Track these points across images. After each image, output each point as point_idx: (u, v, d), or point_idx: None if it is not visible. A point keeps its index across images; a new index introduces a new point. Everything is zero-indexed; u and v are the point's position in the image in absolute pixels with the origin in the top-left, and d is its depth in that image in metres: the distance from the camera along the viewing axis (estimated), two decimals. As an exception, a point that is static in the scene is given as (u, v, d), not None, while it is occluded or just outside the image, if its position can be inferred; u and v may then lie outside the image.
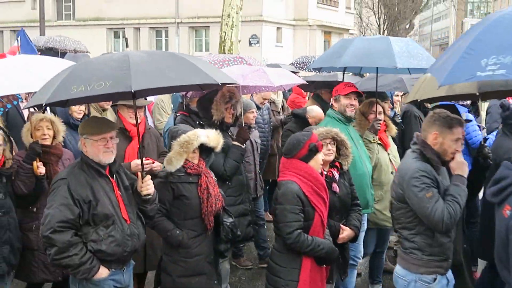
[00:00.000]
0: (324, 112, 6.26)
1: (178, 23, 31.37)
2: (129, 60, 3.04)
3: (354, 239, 3.99)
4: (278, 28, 30.42)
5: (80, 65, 3.29)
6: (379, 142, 4.93)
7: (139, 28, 32.61)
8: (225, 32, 15.40)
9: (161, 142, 4.98)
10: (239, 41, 15.90)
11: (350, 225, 3.94)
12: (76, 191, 3.22)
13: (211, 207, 3.78)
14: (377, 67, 5.33)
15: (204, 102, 4.67)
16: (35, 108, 4.47)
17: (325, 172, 3.92)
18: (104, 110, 5.89)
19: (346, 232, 3.88)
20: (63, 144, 4.53)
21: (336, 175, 3.92)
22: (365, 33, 38.61)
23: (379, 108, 5.00)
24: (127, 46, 14.23)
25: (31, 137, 4.23)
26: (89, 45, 16.42)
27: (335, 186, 3.88)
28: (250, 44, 28.65)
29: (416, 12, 40.15)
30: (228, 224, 3.88)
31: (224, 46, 15.36)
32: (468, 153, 5.68)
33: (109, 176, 3.41)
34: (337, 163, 3.98)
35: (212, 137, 3.81)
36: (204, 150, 3.87)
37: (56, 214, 3.15)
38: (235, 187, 4.51)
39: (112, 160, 3.39)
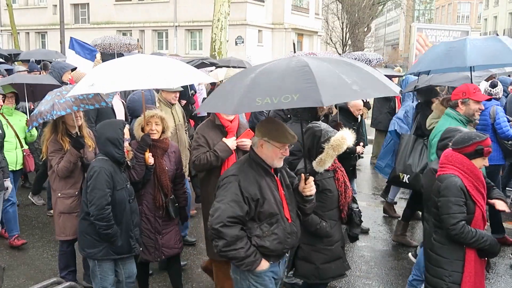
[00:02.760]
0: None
1: (176, 26, 33.47)
2: (311, 71, 2.80)
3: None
4: (259, 30, 32.58)
5: (259, 74, 2.99)
6: None
7: (143, 30, 34.80)
8: (216, 34, 16.54)
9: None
10: (227, 41, 16.93)
11: (496, 197, 3.83)
12: (246, 188, 3.18)
13: (349, 198, 3.94)
14: (470, 67, 5.24)
15: None
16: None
17: None
18: (172, 104, 5.75)
19: (500, 203, 3.77)
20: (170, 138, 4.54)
21: None
22: (331, 35, 41.43)
23: None
24: (294, 51, 12.30)
25: (142, 131, 4.34)
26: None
27: None
28: (236, 44, 30.58)
29: (373, 18, 43.19)
30: (356, 210, 4.00)
31: (214, 45, 16.57)
32: (495, 140, 5.91)
33: (274, 175, 3.37)
34: None
35: (352, 139, 3.80)
36: None
37: (227, 210, 3.12)
38: None
39: (282, 165, 3.37)
